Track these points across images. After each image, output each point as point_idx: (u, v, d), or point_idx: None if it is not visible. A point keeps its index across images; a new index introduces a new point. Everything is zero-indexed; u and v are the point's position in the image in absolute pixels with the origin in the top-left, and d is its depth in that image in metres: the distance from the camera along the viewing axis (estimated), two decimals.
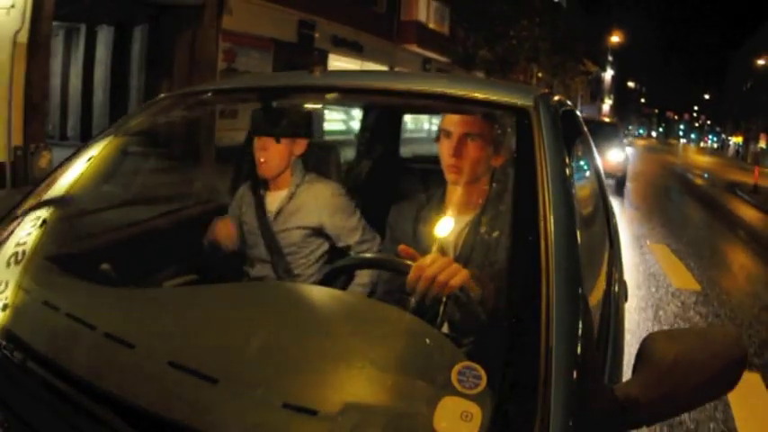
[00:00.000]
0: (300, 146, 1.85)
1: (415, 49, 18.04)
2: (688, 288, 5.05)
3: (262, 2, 11.48)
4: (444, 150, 1.42)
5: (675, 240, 7.29)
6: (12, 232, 1.27)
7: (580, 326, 0.83)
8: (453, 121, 1.41)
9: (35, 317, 1.06)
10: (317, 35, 13.56)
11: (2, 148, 7.62)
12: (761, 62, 40.11)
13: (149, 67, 11.26)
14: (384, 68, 15.98)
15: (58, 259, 1.27)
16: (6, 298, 1.11)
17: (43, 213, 1.31)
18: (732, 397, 2.82)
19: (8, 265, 1.19)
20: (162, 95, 1.58)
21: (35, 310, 1.07)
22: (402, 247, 1.16)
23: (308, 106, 1.75)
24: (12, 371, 0.91)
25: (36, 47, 7.79)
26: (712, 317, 4.41)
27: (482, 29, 18.63)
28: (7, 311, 1.06)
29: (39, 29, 7.77)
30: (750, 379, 3.32)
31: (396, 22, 17.44)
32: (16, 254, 1.21)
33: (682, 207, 11.97)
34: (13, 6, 7.56)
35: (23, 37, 7.66)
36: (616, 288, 1.83)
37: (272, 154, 1.80)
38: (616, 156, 11.78)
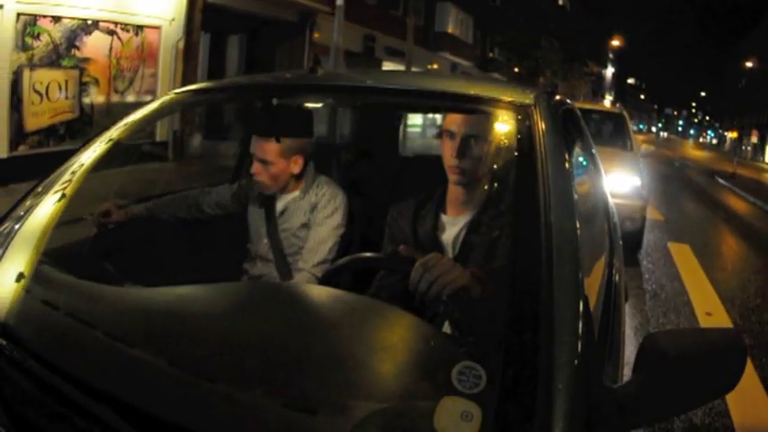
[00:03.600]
0: (297, 163, 1.81)
1: (447, 56, 21.27)
2: (656, 218, 8.31)
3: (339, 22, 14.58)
4: (447, 151, 1.41)
5: (655, 198, 10.42)
6: (13, 229, 1.26)
7: (580, 325, 0.83)
8: (457, 121, 1.40)
9: (35, 316, 1.05)
10: (376, 46, 16.74)
11: (166, 130, 10.00)
12: (749, 64, 42.85)
13: (249, 70, 14.13)
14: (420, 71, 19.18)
15: (59, 258, 1.28)
16: (9, 295, 1.09)
17: (47, 209, 1.29)
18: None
19: (9, 262, 1.18)
20: (171, 91, 1.60)
21: (35, 309, 1.06)
22: (402, 247, 1.19)
23: (309, 105, 1.74)
24: (11, 370, 0.91)
25: (189, 51, 10.28)
26: (669, 228, 7.67)
27: (514, 50, 22.58)
28: (8, 312, 1.05)
29: (191, 38, 10.30)
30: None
31: (431, 34, 20.60)
32: (17, 251, 1.20)
33: (666, 184, 14.97)
34: (174, 20, 10.06)
35: (181, 44, 10.19)
36: (616, 287, 1.86)
37: (263, 177, 1.78)
38: (622, 183, 5.37)
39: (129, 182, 2.02)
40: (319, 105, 1.89)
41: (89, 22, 8.72)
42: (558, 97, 1.50)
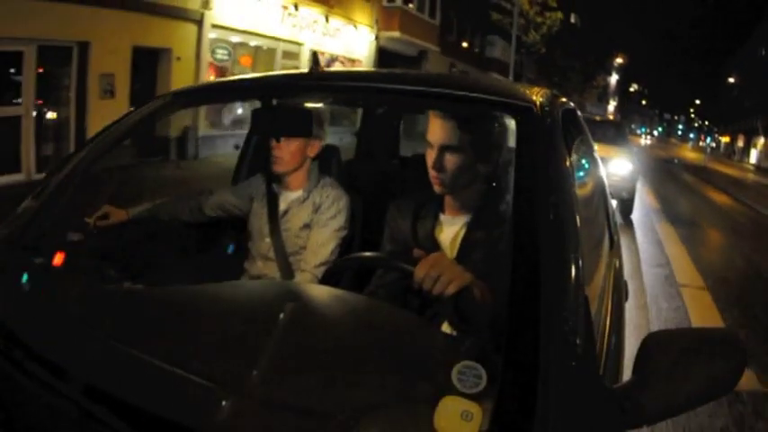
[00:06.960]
0: (314, 147, 1.87)
1: (495, 75, 28.90)
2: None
3: (439, 56, 22.00)
4: (428, 161, 1.43)
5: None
6: (15, 228, 1.27)
7: (580, 325, 0.83)
8: (434, 132, 1.41)
9: (35, 316, 1.04)
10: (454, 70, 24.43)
11: None
12: (731, 80, 48.67)
13: None
14: None
15: (58, 257, 1.29)
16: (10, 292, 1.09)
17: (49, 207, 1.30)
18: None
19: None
20: (170, 91, 1.62)
21: (35, 309, 1.06)
22: (416, 251, 1.19)
23: (308, 105, 1.75)
24: (11, 370, 0.90)
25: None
26: (644, 183, 14.75)
27: (552, 80, 31.40)
28: (8, 312, 1.05)
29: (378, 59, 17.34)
30: None
31: (483, 58, 28.31)
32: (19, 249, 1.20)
33: (651, 173, 21.75)
34: (367, 56, 17.00)
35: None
36: (616, 287, 1.87)
37: (283, 152, 1.83)
38: (620, 167, 8.57)
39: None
40: (319, 105, 1.91)
41: (335, 56, 16.05)
42: (558, 98, 1.53)
